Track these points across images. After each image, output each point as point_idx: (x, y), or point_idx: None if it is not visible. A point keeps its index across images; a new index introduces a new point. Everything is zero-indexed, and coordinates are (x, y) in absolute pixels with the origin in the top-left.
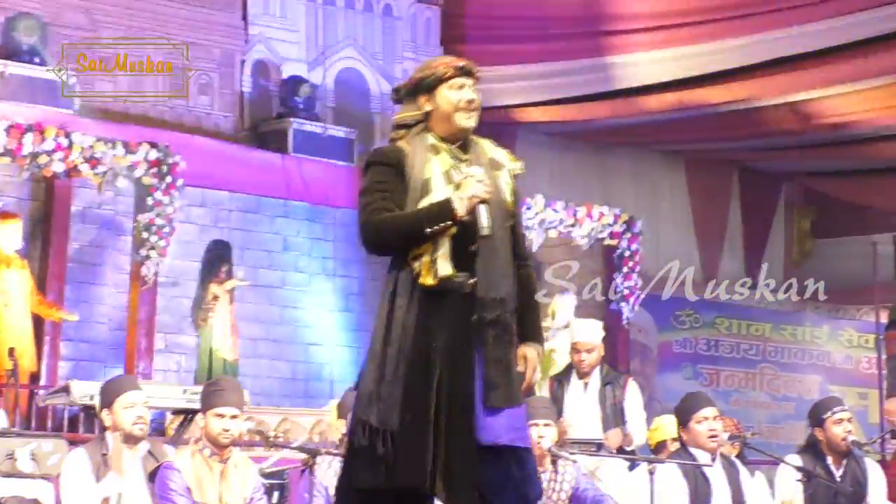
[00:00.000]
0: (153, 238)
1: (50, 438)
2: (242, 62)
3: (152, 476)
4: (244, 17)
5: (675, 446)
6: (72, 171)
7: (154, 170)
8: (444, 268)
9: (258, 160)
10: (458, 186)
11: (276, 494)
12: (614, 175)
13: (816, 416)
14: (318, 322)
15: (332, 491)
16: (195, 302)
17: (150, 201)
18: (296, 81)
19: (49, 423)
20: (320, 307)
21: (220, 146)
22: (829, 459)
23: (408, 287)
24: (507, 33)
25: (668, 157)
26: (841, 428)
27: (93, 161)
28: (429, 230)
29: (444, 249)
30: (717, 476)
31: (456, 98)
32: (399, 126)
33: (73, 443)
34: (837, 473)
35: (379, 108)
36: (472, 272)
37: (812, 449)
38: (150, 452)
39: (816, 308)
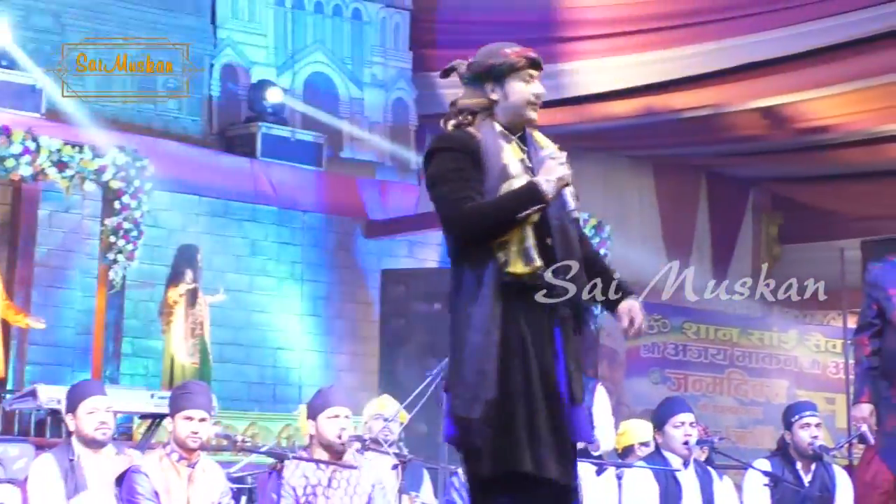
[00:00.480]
0: (121, 242)
1: (16, 443)
2: (211, 66)
3: (119, 481)
4: (213, 21)
5: (642, 451)
6: (39, 175)
7: (122, 174)
8: (536, 258)
9: (226, 164)
10: (532, 174)
11: (243, 499)
12: (583, 180)
13: (786, 419)
14: (286, 326)
15: (300, 491)
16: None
17: (117, 205)
18: (264, 85)
19: (16, 428)
20: (288, 311)
21: (188, 150)
22: (799, 464)
23: (493, 278)
24: (475, 38)
25: (637, 163)
26: (807, 432)
27: (60, 165)
28: (520, 215)
29: (531, 239)
30: (689, 481)
31: (527, 91)
32: (461, 111)
33: (39, 447)
34: (806, 478)
35: (348, 112)
36: (548, 264)
37: (782, 453)
38: (116, 456)
39: (784, 313)
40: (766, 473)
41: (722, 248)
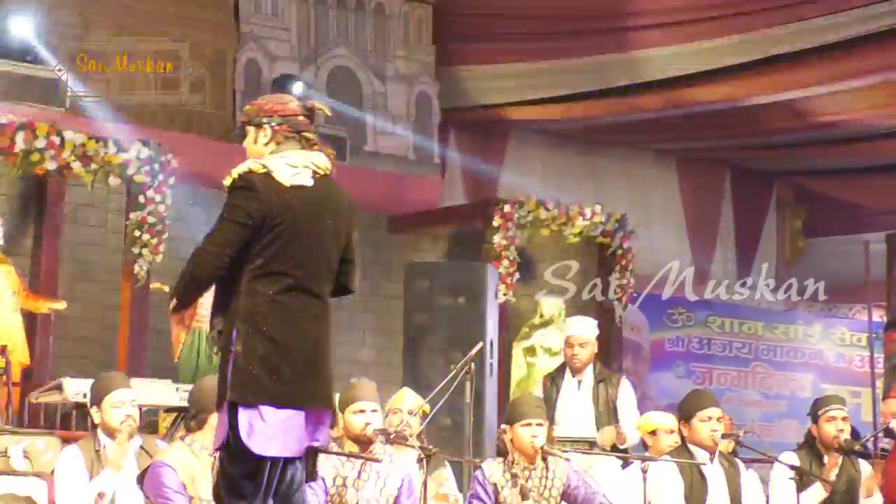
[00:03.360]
0: (145, 236)
1: (42, 436)
2: (234, 60)
3: (142, 476)
4: (236, 16)
5: (665, 438)
6: (64, 169)
7: (146, 168)
8: None
9: None
10: None
11: None
12: (606, 174)
13: (813, 412)
14: None
15: (329, 482)
16: None
17: (141, 199)
18: (287, 80)
19: (41, 421)
20: None
21: (212, 144)
22: (826, 458)
23: None
24: (498, 31)
25: (660, 157)
26: (833, 426)
27: (84, 159)
28: None
29: None
30: (715, 475)
31: None
32: None
33: (65, 440)
34: (832, 472)
35: (371, 106)
36: None
37: (809, 446)
38: (142, 448)
39: (809, 307)
40: (792, 467)
41: (746, 242)
